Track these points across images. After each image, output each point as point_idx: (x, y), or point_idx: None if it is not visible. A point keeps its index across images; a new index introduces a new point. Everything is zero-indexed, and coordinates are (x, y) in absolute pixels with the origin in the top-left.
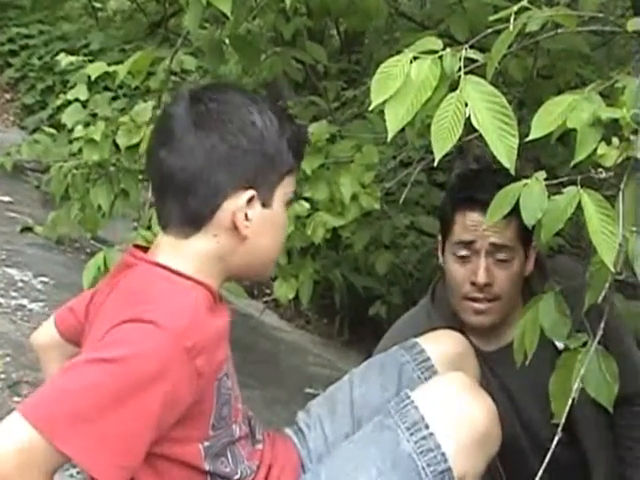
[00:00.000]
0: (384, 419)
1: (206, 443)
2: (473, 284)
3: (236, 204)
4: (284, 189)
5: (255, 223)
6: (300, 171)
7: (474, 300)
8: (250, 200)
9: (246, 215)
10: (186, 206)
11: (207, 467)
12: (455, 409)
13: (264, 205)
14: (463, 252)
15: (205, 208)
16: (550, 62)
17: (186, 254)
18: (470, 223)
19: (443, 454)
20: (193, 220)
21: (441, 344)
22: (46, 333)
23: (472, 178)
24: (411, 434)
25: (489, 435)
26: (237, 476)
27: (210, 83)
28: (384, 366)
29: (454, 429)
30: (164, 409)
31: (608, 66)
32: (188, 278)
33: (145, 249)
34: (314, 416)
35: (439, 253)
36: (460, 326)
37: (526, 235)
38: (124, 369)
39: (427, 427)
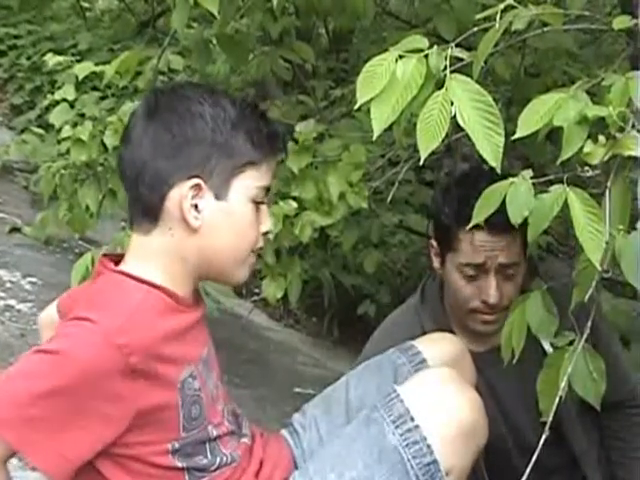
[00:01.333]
0: (370, 413)
1: (176, 444)
2: (484, 302)
3: (181, 192)
4: (244, 181)
5: (207, 215)
6: (287, 169)
7: (483, 313)
8: (197, 189)
9: (196, 206)
10: (138, 197)
11: (180, 464)
12: (440, 402)
13: (217, 197)
14: (472, 272)
15: (153, 197)
16: (538, 60)
17: (148, 254)
18: (479, 243)
19: (429, 446)
20: (146, 211)
21: (437, 346)
22: (47, 313)
23: (471, 187)
24: (396, 427)
25: (475, 427)
26: (214, 466)
27: (175, 82)
28: (380, 368)
29: (440, 422)
30: (99, 400)
31: (597, 64)
32: (143, 282)
33: (120, 256)
34: (309, 417)
35: (434, 258)
36: (449, 327)
37: (526, 244)
38: (58, 359)
39: (412, 419)
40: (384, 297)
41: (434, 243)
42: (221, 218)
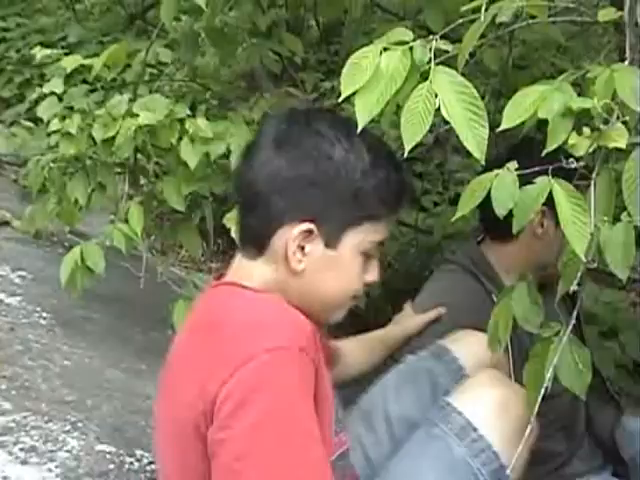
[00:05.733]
0: (429, 429)
1: None
2: None
3: (290, 234)
4: (359, 234)
5: (313, 261)
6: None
7: None
8: (308, 234)
9: (302, 248)
10: (248, 223)
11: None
12: (497, 406)
13: (327, 245)
14: None
15: (262, 229)
16: (526, 52)
17: (252, 277)
18: None
19: (495, 452)
20: (253, 239)
21: (470, 346)
22: None
23: None
24: (461, 439)
25: (526, 421)
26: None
27: (318, 107)
28: (417, 378)
29: (500, 426)
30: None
31: (586, 56)
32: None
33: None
34: (354, 437)
35: (543, 221)
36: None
37: None
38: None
39: (475, 430)
40: (374, 289)
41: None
42: (327, 266)
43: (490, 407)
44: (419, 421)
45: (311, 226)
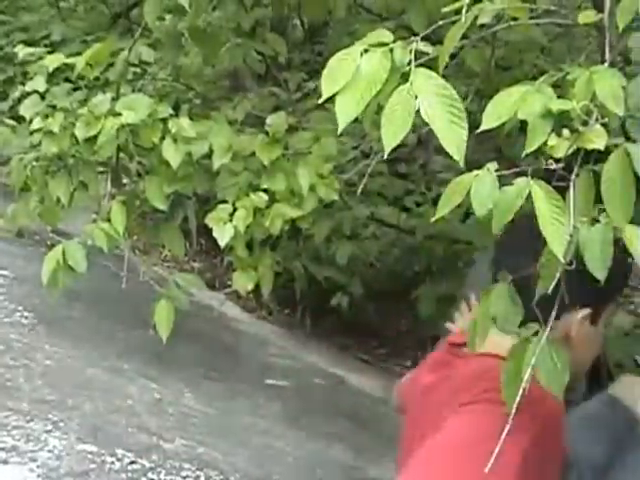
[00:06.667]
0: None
1: None
2: None
3: (572, 318)
4: (610, 309)
5: (580, 334)
6: (257, 161)
7: None
8: (586, 317)
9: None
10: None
11: None
12: None
13: (592, 322)
14: None
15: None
16: (509, 53)
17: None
18: None
19: None
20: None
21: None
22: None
23: None
24: None
25: None
26: None
27: None
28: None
29: None
30: None
31: (570, 57)
32: None
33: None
34: None
35: None
36: None
37: None
38: None
39: None
40: (356, 289)
41: None
42: (588, 339)
43: None
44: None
45: (589, 311)
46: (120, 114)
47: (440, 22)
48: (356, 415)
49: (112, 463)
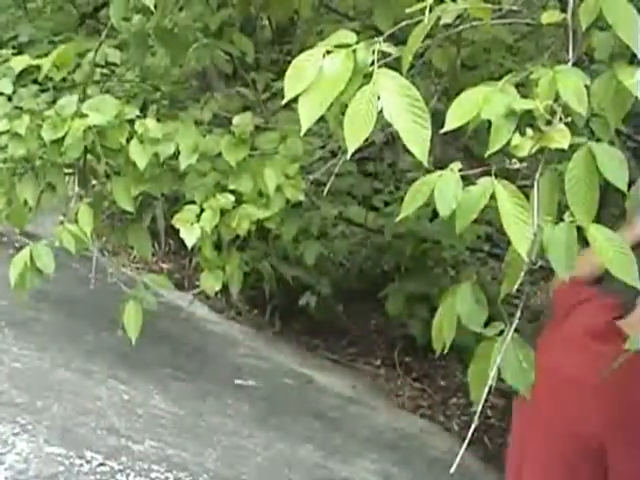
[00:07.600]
0: None
1: None
2: None
3: None
4: None
5: None
6: (224, 162)
7: None
8: None
9: None
10: None
11: None
12: None
13: None
14: None
15: None
16: (475, 53)
17: None
18: None
19: None
20: None
21: None
22: None
23: None
24: None
25: None
26: None
27: None
28: None
29: None
30: None
31: (537, 57)
32: None
33: None
34: None
35: None
36: None
37: None
38: None
39: None
40: (325, 288)
41: None
42: None
43: None
44: None
45: None
46: (87, 115)
47: (404, 22)
48: (325, 415)
49: (81, 465)
